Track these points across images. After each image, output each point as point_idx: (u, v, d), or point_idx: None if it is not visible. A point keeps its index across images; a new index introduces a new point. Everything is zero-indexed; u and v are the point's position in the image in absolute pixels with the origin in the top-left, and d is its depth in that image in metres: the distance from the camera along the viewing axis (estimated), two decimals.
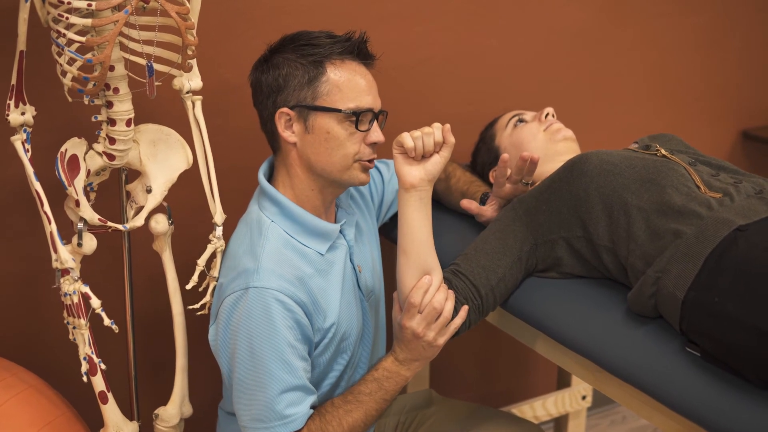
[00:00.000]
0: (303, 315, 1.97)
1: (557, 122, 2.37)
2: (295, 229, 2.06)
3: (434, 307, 1.98)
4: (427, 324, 1.99)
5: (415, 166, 1.98)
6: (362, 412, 2.06)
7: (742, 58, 3.40)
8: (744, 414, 1.69)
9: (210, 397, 2.48)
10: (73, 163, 2.03)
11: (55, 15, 1.91)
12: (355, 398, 2.07)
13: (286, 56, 2.03)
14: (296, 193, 2.08)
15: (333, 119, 2.01)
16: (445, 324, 2.01)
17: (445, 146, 1.98)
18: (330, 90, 2.01)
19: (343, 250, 2.14)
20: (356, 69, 2.05)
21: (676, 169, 2.00)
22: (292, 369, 1.95)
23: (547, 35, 2.96)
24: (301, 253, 2.04)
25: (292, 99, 2.02)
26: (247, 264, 1.98)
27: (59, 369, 2.36)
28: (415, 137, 1.96)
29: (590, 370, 2.03)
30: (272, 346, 1.93)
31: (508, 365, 3.32)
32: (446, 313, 2.00)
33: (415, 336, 2.01)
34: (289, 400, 1.96)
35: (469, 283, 2.06)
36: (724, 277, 1.77)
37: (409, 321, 2.00)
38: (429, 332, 2.00)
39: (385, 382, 2.07)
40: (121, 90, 1.99)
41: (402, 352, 2.06)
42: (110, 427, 2.13)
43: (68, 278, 2.02)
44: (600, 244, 2.02)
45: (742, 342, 1.70)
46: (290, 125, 2.04)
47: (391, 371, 2.07)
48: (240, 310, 1.95)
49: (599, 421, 3.49)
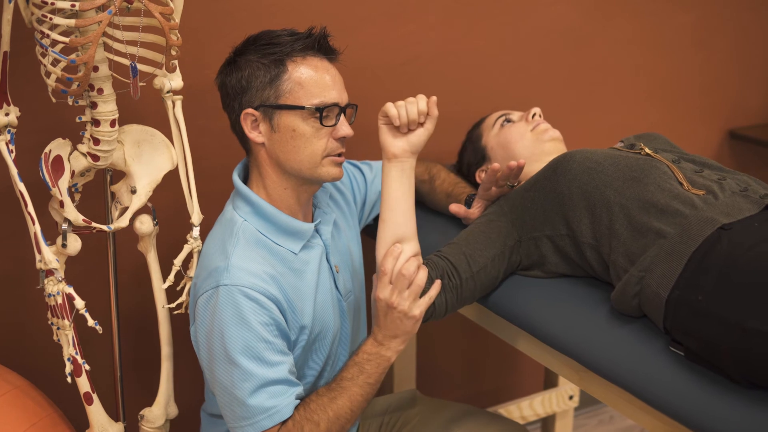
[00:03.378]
0: (277, 310, 1.96)
1: (544, 122, 2.37)
2: (267, 228, 2.05)
3: (403, 275, 1.98)
4: (399, 292, 1.99)
5: (399, 137, 2.01)
6: (347, 398, 2.03)
7: (730, 57, 3.41)
8: (727, 412, 1.69)
9: (195, 398, 2.48)
10: (57, 164, 2.02)
11: (38, 16, 1.91)
12: (338, 385, 2.05)
13: (248, 57, 2.03)
14: (269, 193, 2.07)
15: (297, 117, 2.00)
16: (418, 293, 2.00)
17: (429, 118, 2.01)
18: (292, 88, 2.00)
19: (318, 249, 2.13)
20: (319, 64, 2.04)
21: (659, 167, 2.01)
22: (269, 364, 1.94)
23: (534, 35, 2.97)
24: (273, 251, 2.04)
25: (256, 99, 2.01)
26: (217, 262, 1.97)
27: (44, 370, 2.36)
28: (399, 106, 1.99)
29: (575, 369, 2.03)
30: (245, 344, 1.91)
31: (495, 365, 3.32)
32: (418, 281, 1.99)
33: (389, 306, 2.00)
34: (269, 393, 1.94)
35: (450, 264, 2.07)
36: (708, 276, 1.77)
37: (382, 292, 2.00)
38: (403, 301, 1.99)
39: (366, 364, 2.05)
40: (105, 91, 1.99)
41: (380, 331, 2.04)
42: (95, 428, 2.13)
43: (52, 279, 2.02)
44: (583, 241, 2.02)
45: (726, 341, 1.70)
46: (256, 126, 2.03)
47: (371, 353, 2.05)
48: (211, 309, 1.94)
49: (586, 421, 3.49)
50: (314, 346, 2.10)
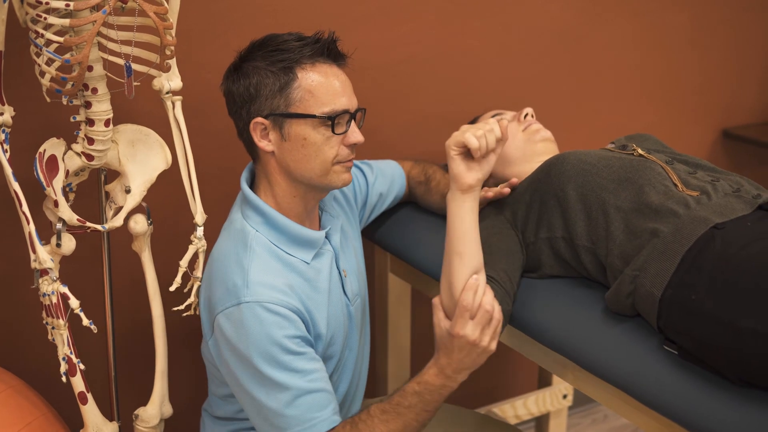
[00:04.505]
0: (300, 322, 1.94)
1: (536, 123, 2.36)
2: (280, 239, 2.02)
3: (486, 309, 1.91)
4: (482, 329, 1.92)
5: (473, 168, 1.94)
6: (401, 423, 1.96)
7: (723, 57, 3.42)
8: (721, 411, 1.70)
9: (190, 398, 2.48)
10: (51, 164, 2.02)
11: (33, 15, 1.91)
12: (393, 409, 1.97)
13: (255, 64, 1.98)
14: (278, 201, 2.05)
15: (308, 125, 1.96)
16: (498, 328, 1.95)
17: (500, 143, 1.95)
18: (303, 96, 1.96)
19: (329, 255, 2.11)
20: (328, 71, 1.99)
21: (653, 168, 2.01)
22: (302, 374, 1.91)
23: (529, 35, 2.97)
24: (286, 263, 2.01)
25: (266, 108, 1.97)
26: (235, 279, 1.94)
27: (39, 369, 2.36)
28: (479, 136, 1.91)
29: (569, 368, 2.03)
30: (273, 359, 1.89)
31: (489, 365, 3.27)
32: (497, 315, 1.93)
33: (471, 344, 1.92)
34: (308, 403, 1.92)
35: (502, 289, 2.02)
36: (701, 275, 1.77)
37: (462, 329, 1.91)
38: (484, 337, 1.92)
39: (428, 395, 1.96)
40: (99, 90, 1.99)
41: (450, 364, 1.95)
42: (90, 427, 2.13)
43: (47, 278, 2.01)
44: (580, 244, 2.03)
45: (719, 339, 1.71)
46: (266, 134, 1.99)
47: (435, 385, 1.96)
48: (234, 326, 1.92)
49: (580, 420, 3.50)
50: (327, 352, 2.08)
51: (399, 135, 2.79)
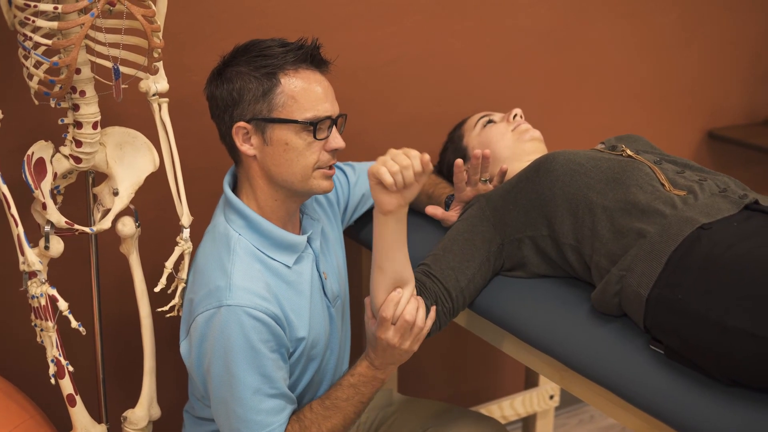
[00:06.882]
0: (278, 327, 1.96)
1: (525, 123, 2.38)
2: (262, 243, 2.04)
3: (406, 320, 1.97)
4: (402, 335, 1.99)
5: (393, 195, 1.90)
6: (341, 417, 2.07)
7: (708, 58, 3.43)
8: (708, 410, 1.70)
9: (178, 400, 2.48)
10: (39, 166, 2.02)
11: (21, 18, 1.91)
12: (333, 404, 2.07)
13: (238, 69, 2.00)
14: (260, 204, 2.06)
15: (290, 130, 1.98)
16: (420, 335, 2.02)
17: (422, 175, 1.90)
18: (285, 101, 1.98)
19: (309, 259, 2.13)
20: (311, 77, 2.01)
21: (641, 168, 2.02)
22: (269, 380, 1.95)
23: (515, 36, 2.98)
24: (268, 266, 2.03)
25: (248, 113, 1.99)
26: (218, 281, 1.96)
27: (27, 372, 2.35)
28: (394, 173, 1.85)
29: (556, 369, 2.04)
30: (248, 362, 1.92)
31: (476, 365, 3.33)
32: (419, 323, 1.99)
33: (390, 346, 2.00)
34: (268, 408, 1.97)
35: (441, 285, 2.07)
36: (687, 275, 1.78)
37: (383, 333, 1.99)
38: (405, 342, 2.00)
39: (362, 386, 2.07)
40: (87, 93, 1.99)
41: (377, 358, 2.05)
42: (78, 429, 2.13)
43: (35, 281, 2.01)
44: (565, 242, 2.04)
45: (706, 339, 1.71)
46: (248, 138, 2.01)
47: (367, 376, 2.07)
48: (214, 329, 1.94)
49: (567, 421, 3.51)
50: (311, 354, 2.11)
51: (385, 137, 2.79)
